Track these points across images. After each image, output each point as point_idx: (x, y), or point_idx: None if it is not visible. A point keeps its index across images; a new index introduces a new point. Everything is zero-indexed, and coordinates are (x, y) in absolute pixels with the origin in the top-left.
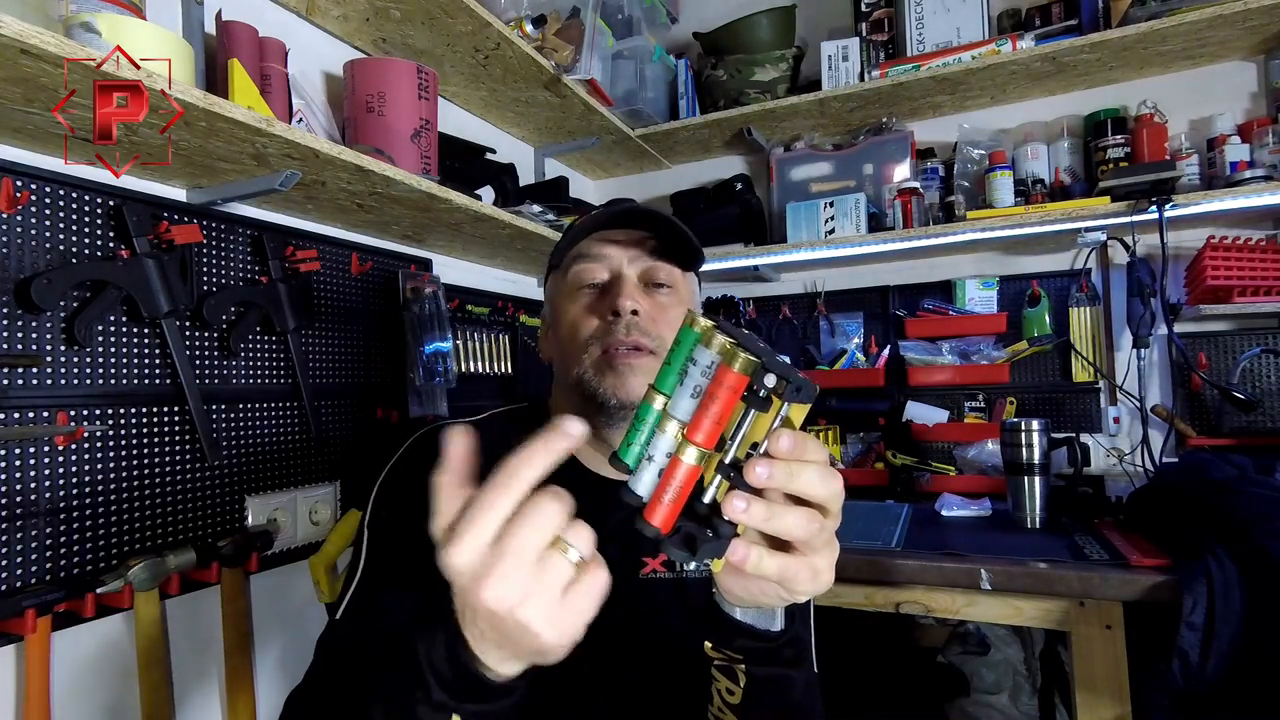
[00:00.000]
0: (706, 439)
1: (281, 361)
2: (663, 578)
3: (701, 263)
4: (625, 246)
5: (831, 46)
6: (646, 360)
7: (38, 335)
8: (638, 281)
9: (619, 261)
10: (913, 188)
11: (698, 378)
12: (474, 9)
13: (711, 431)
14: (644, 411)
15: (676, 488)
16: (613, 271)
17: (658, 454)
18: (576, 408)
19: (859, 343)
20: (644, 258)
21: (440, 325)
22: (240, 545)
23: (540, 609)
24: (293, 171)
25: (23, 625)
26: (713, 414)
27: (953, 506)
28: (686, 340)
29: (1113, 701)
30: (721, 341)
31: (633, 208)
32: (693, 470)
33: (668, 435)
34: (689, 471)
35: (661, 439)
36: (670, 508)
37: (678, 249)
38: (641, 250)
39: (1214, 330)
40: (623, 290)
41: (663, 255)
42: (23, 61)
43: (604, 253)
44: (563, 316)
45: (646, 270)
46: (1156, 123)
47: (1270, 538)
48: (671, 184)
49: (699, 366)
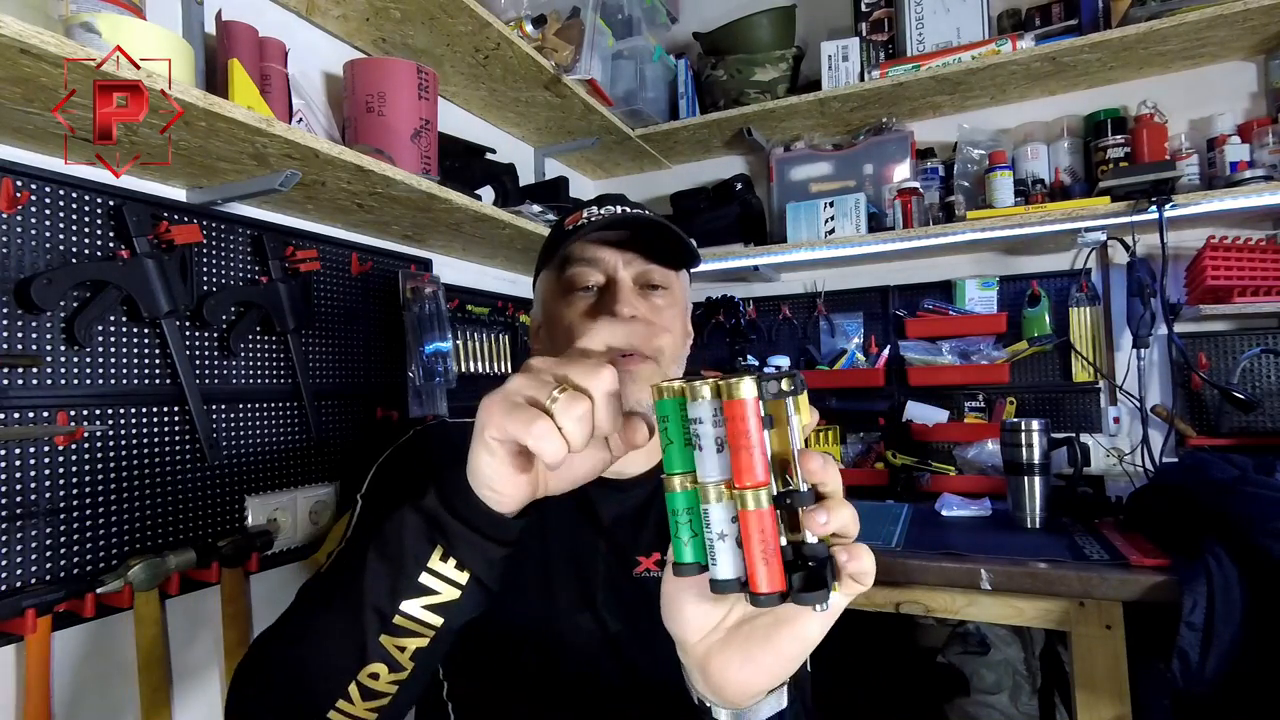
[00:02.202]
0: (763, 474)
1: (281, 361)
2: (656, 576)
3: (697, 262)
4: (619, 249)
5: (831, 46)
6: (644, 366)
7: (38, 335)
8: (633, 284)
9: (613, 265)
10: (913, 188)
11: (710, 432)
12: (474, 9)
13: (762, 465)
14: (676, 502)
15: (765, 541)
16: (607, 275)
17: (721, 526)
18: None
19: (859, 343)
20: (638, 260)
21: (440, 325)
22: (240, 545)
23: (494, 399)
24: (293, 171)
25: (23, 625)
26: (752, 449)
27: (953, 506)
28: (670, 410)
29: (1113, 701)
30: (709, 385)
31: (626, 217)
32: (767, 513)
33: (719, 503)
34: (764, 516)
35: (714, 510)
36: (773, 564)
37: (672, 250)
38: (636, 252)
39: (1214, 330)
40: (619, 297)
41: (657, 257)
42: (23, 61)
43: (598, 255)
44: (558, 321)
45: (641, 273)
46: (1156, 123)
47: (1270, 538)
48: (671, 184)
49: (704, 423)
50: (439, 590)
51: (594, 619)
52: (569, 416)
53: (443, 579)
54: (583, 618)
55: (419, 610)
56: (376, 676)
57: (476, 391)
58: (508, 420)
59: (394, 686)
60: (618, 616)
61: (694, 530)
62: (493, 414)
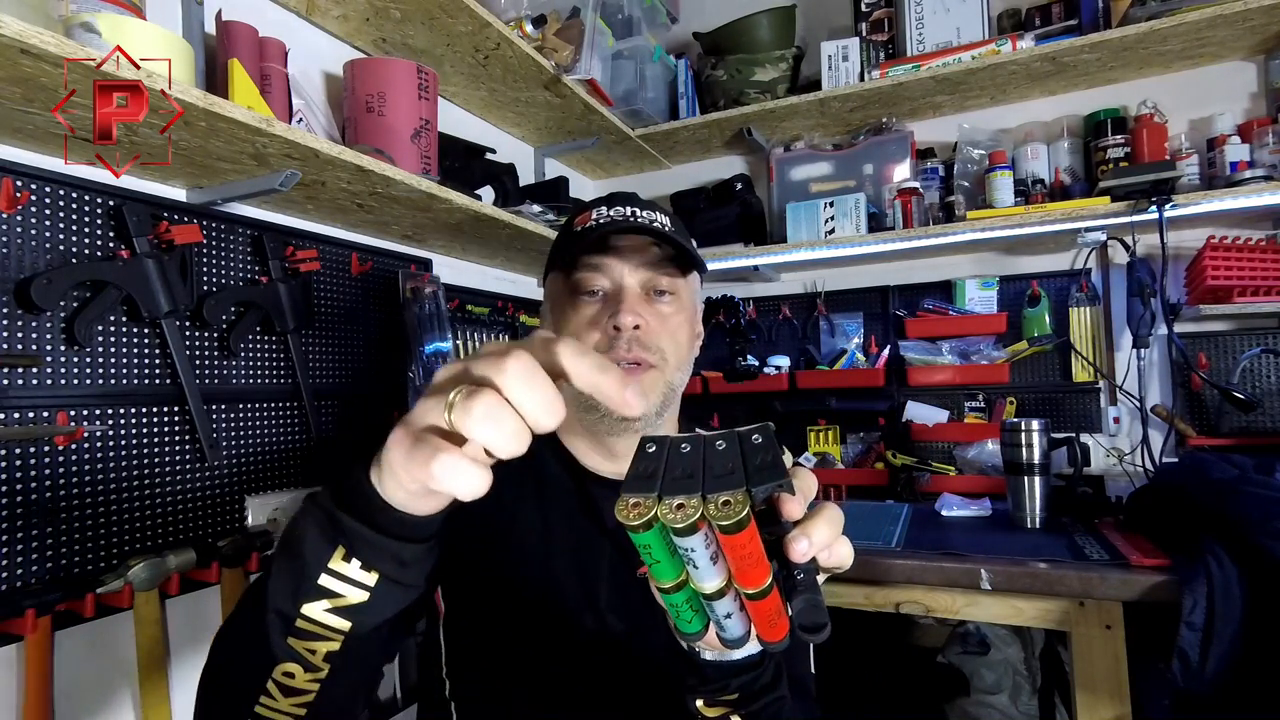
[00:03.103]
0: (764, 575)
1: (281, 361)
2: None
3: (704, 270)
4: (626, 255)
5: (831, 46)
6: (648, 375)
7: (38, 335)
8: (639, 291)
9: (620, 271)
10: (913, 188)
11: (703, 553)
12: (474, 9)
13: (763, 569)
14: (672, 600)
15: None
16: (614, 281)
17: (727, 610)
18: (579, 415)
19: (859, 343)
20: (644, 266)
21: (440, 325)
22: (240, 545)
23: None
24: (293, 171)
25: (23, 625)
26: (753, 562)
27: (953, 506)
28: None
29: (1113, 701)
30: (691, 520)
31: (634, 224)
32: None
33: (723, 600)
34: (771, 599)
35: (719, 604)
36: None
37: (679, 255)
38: (642, 258)
39: (1214, 330)
40: (624, 304)
41: (664, 262)
42: (23, 61)
43: (605, 261)
44: (564, 325)
45: (648, 279)
46: (1156, 123)
47: (1270, 538)
48: (671, 184)
49: (696, 550)
50: (342, 593)
51: (597, 619)
52: (472, 421)
53: (346, 580)
54: (586, 617)
55: (321, 614)
56: (292, 675)
57: None
58: (409, 464)
59: (315, 684)
60: (621, 616)
61: (695, 609)
62: (393, 456)
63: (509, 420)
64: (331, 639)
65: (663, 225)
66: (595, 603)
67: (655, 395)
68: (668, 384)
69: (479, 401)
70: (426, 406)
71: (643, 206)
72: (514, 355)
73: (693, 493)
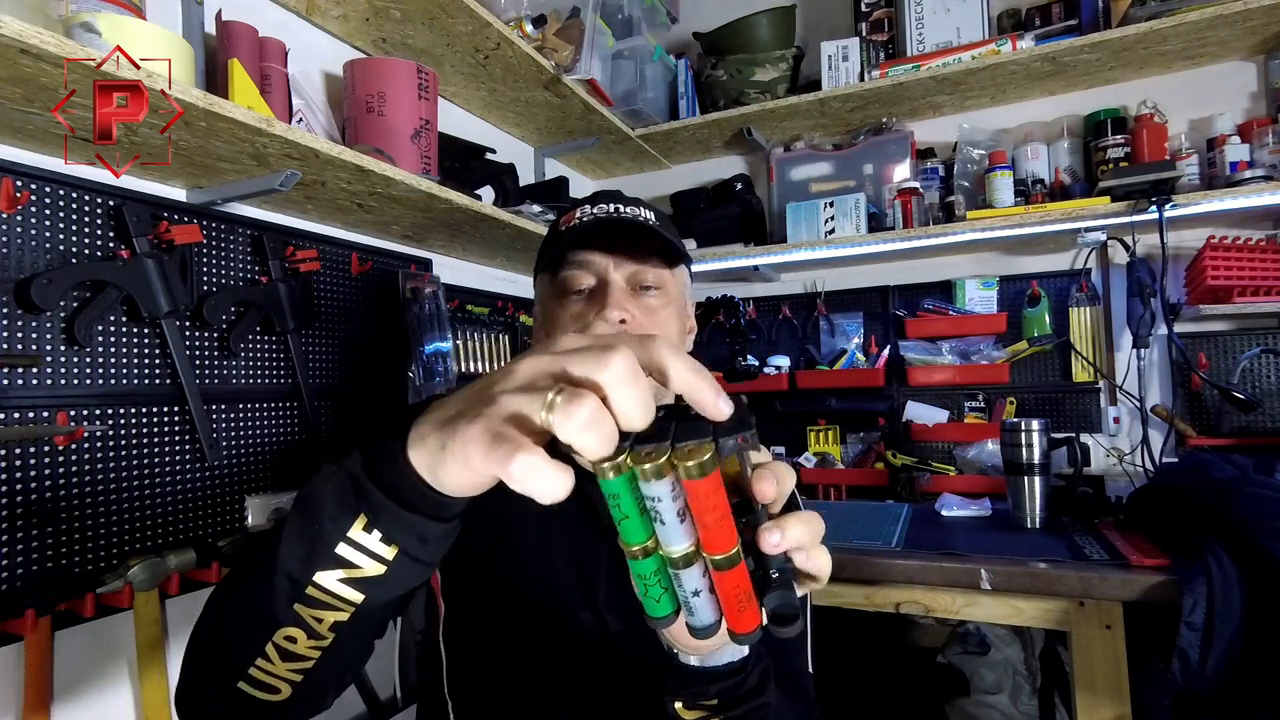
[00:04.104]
0: (731, 539)
1: (281, 361)
2: None
3: (689, 262)
4: (611, 250)
5: (831, 46)
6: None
7: (38, 335)
8: (625, 286)
9: (604, 267)
10: (913, 188)
11: (670, 506)
12: (474, 9)
13: (729, 532)
14: (641, 568)
15: (740, 591)
16: (599, 277)
17: (695, 584)
18: None
19: (859, 343)
20: (630, 261)
21: (440, 325)
22: (240, 545)
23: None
24: (293, 171)
25: (23, 625)
26: (720, 519)
27: (953, 506)
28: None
29: (1113, 701)
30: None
31: (615, 219)
32: (740, 569)
33: (690, 567)
34: (738, 573)
35: (686, 574)
36: (749, 607)
37: (664, 248)
38: (627, 253)
39: (1214, 330)
40: (610, 299)
41: (649, 256)
42: (23, 61)
43: (589, 258)
44: (552, 324)
45: (633, 274)
46: (1156, 123)
47: (1270, 538)
48: (671, 184)
49: (663, 500)
50: (359, 564)
51: (595, 617)
52: (573, 425)
53: (364, 551)
54: (584, 616)
55: (334, 583)
56: (294, 640)
57: None
58: (489, 458)
59: (316, 652)
60: (619, 615)
61: (664, 587)
62: (472, 449)
63: (608, 425)
64: (341, 609)
65: (647, 220)
66: (594, 601)
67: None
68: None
69: (583, 406)
70: (517, 401)
71: (626, 203)
72: (619, 354)
73: (662, 442)
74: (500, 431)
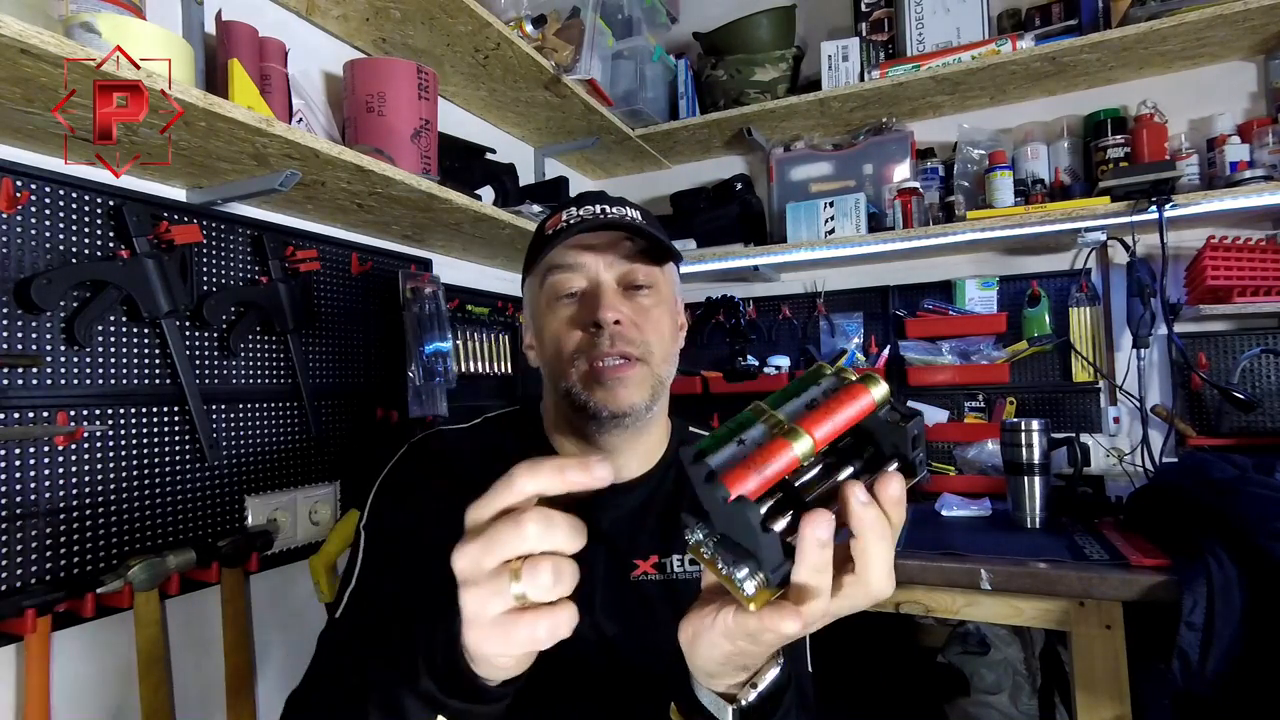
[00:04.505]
0: (822, 435)
1: (281, 361)
2: (653, 579)
3: (679, 259)
4: (600, 251)
5: (831, 46)
6: (635, 369)
7: (38, 335)
8: (616, 286)
9: (595, 268)
10: (913, 188)
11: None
12: (474, 9)
13: (828, 430)
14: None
15: (772, 467)
16: (590, 279)
17: (749, 438)
18: (568, 415)
19: (859, 343)
20: (620, 261)
21: (440, 325)
22: (240, 545)
23: (475, 626)
24: (293, 171)
25: (23, 625)
26: (836, 418)
27: (953, 506)
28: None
29: (1113, 701)
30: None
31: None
32: (794, 460)
33: (762, 425)
34: (790, 459)
35: (754, 429)
36: (756, 481)
37: (653, 247)
38: (616, 253)
39: (1214, 330)
40: (602, 301)
41: (639, 255)
42: (23, 61)
43: (579, 260)
44: (545, 329)
45: (624, 274)
46: (1156, 123)
47: (1270, 538)
48: (671, 184)
49: (820, 387)
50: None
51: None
52: (549, 588)
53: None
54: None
55: None
56: None
57: (477, 391)
58: (510, 646)
59: None
60: (615, 620)
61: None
62: (489, 649)
63: (567, 566)
64: None
65: (634, 219)
66: (589, 606)
67: (644, 390)
68: (655, 377)
69: (543, 571)
70: (485, 598)
71: (611, 203)
72: (527, 517)
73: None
74: (500, 625)
